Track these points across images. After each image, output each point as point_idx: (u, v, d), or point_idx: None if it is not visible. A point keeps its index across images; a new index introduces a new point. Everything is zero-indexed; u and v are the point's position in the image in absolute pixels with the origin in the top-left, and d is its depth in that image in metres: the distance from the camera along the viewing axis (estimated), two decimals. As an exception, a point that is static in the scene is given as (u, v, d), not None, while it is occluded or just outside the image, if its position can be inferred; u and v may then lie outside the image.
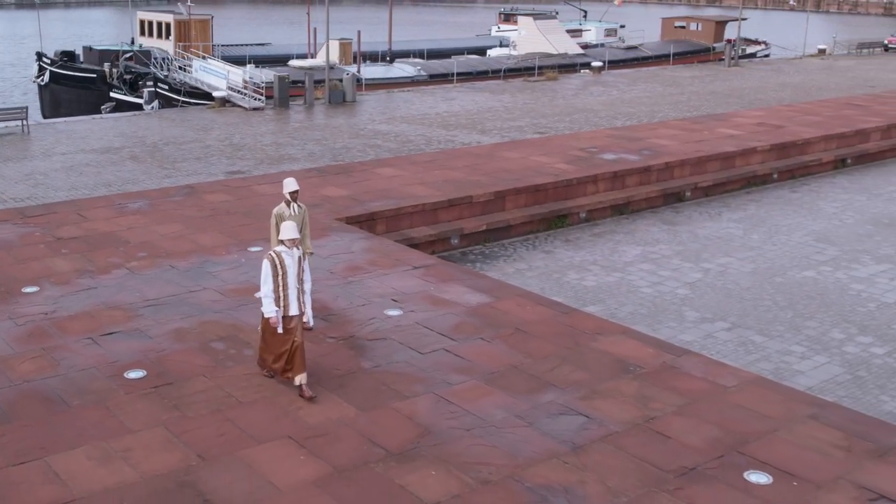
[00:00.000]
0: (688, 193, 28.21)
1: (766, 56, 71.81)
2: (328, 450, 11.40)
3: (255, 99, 40.83)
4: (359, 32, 53.32)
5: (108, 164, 28.46)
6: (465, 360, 14.02)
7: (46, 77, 51.73)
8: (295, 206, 14.59)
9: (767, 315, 19.17)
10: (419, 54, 62.12)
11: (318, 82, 42.92)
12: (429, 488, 10.59)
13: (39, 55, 52.99)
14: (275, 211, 14.64)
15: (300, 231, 14.32)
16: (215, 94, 41.40)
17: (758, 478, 10.95)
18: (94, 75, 50.75)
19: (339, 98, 42.68)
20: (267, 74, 42.81)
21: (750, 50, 70.98)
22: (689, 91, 48.00)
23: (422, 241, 22.37)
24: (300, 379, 12.52)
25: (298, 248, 12.44)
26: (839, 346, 17.69)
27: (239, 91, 41.49)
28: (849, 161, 33.62)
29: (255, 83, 41.64)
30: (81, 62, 53.00)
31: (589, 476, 10.91)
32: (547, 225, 25.05)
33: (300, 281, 12.41)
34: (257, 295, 12.64)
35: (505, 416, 12.34)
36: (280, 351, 12.44)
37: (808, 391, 15.14)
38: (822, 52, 68.79)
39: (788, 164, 31.36)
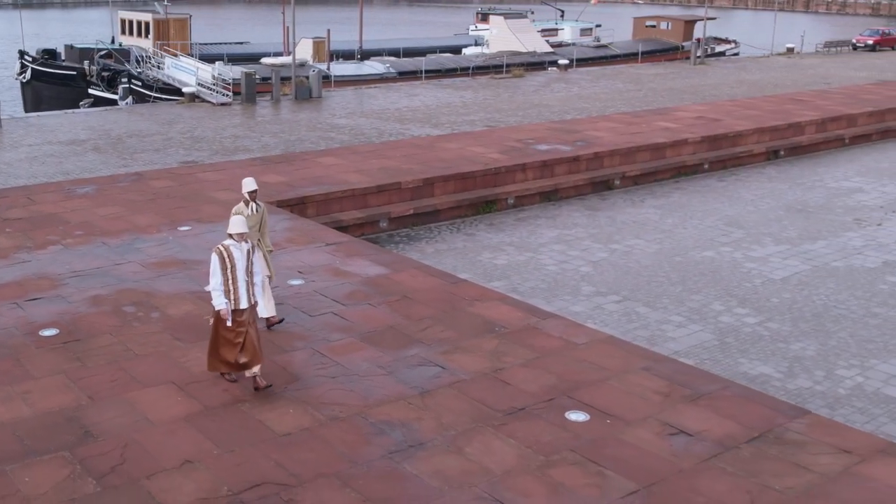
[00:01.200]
0: (617, 182, 29.68)
1: (736, 54, 73.21)
2: (203, 393, 12.92)
3: (223, 94, 42.30)
4: (328, 31, 54.92)
5: (70, 155, 29.96)
6: (348, 322, 15.53)
7: (28, 74, 53.26)
8: (253, 205, 14.63)
9: (657, 290, 20.66)
10: (395, 52, 63.71)
11: (286, 79, 44.41)
12: (283, 423, 12.11)
13: (22, 53, 54.54)
14: (234, 210, 14.80)
15: (259, 230, 14.92)
16: (185, 89, 42.93)
17: (576, 416, 12.43)
18: (74, 73, 52.28)
19: (305, 94, 44.17)
20: (235, 71, 44.30)
21: (719, 48, 72.44)
22: (648, 87, 49.47)
23: (350, 224, 23.85)
24: (253, 371, 12.77)
25: (247, 242, 12.62)
26: (716, 316, 19.18)
27: (208, 87, 42.97)
28: (782, 153, 35.09)
29: (223, 79, 43.13)
30: (63, 60, 54.54)
31: (428, 414, 12.41)
32: (475, 210, 26.52)
33: (249, 274, 12.56)
34: (206, 288, 12.99)
35: (369, 366, 13.85)
36: (234, 342, 12.59)
37: (674, 355, 16.61)
38: (790, 50, 70.17)
39: (720, 154, 32.84)
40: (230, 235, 12.46)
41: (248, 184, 14.58)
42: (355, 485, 10.65)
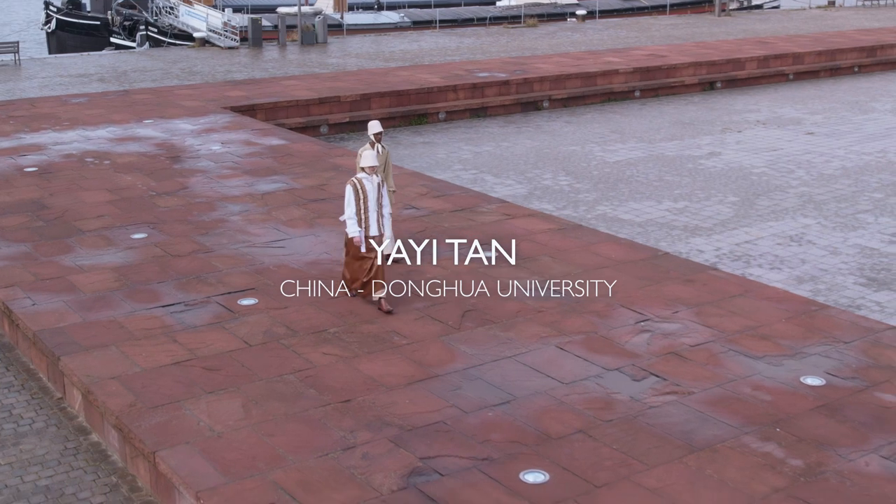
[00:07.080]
0: (545, 104, 39.83)
1: (776, 7, 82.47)
2: (125, 192, 23.54)
3: (231, 39, 53.26)
4: (342, -18, 66.12)
5: (77, 84, 40.96)
6: (239, 166, 26.00)
7: (53, 24, 65.01)
8: (379, 146, 17.16)
9: (510, 167, 30.78)
10: (426, 4, 74.51)
11: (293, 27, 55.26)
12: (167, 203, 22.74)
13: (47, 3, 66.31)
14: (360, 150, 16.75)
15: (382, 170, 16.95)
16: (195, 34, 54.00)
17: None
18: (98, 22, 63.81)
19: (311, 39, 54.85)
20: (244, 18, 55.32)
21: (757, 1, 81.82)
22: (648, 36, 59.23)
23: (293, 128, 34.26)
24: (379, 295, 15.37)
25: (377, 176, 15.23)
26: (540, 181, 29.24)
27: (217, 32, 54.02)
28: (719, 84, 44.93)
29: (231, 25, 54.14)
30: (88, 10, 66.21)
31: (261, 201, 22.97)
32: (408, 122, 36.94)
33: (379, 205, 15.25)
34: (342, 218, 15.73)
35: (238, 183, 24.31)
36: (363, 268, 15.32)
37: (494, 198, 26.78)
38: (831, 3, 79.30)
39: (651, 84, 42.73)
40: (362, 169, 15.33)
41: (373, 126, 17.17)
42: (206, 232, 21.25)
